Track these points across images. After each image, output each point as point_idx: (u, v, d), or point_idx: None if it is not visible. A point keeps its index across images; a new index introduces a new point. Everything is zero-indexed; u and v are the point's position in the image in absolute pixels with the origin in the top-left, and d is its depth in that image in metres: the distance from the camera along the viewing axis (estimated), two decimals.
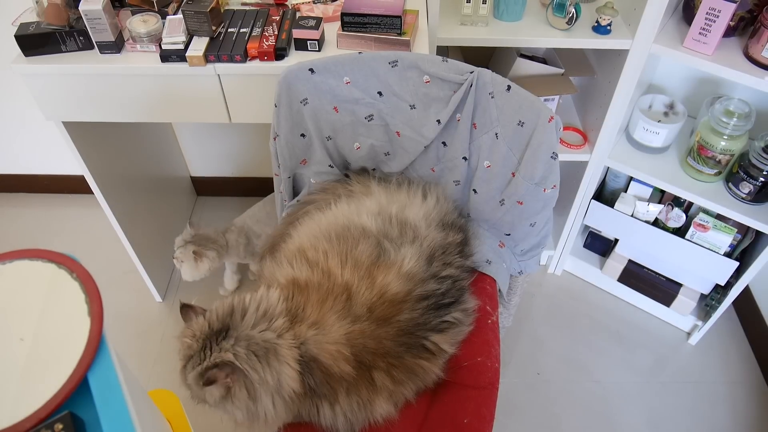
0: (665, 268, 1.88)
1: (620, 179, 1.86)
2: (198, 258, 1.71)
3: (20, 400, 0.57)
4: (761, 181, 1.48)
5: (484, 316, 1.27)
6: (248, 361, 0.97)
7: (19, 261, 0.67)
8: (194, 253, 1.70)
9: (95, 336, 0.60)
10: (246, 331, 1.00)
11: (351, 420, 1.06)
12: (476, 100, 1.23)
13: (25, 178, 2.35)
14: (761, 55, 1.32)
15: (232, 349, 0.97)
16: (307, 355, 1.02)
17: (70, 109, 1.36)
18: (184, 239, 1.73)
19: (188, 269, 1.72)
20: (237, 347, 0.98)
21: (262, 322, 1.02)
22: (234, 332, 0.99)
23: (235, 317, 1.01)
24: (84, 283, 0.64)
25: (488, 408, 1.14)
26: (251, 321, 1.01)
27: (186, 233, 1.74)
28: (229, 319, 1.01)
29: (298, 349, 1.01)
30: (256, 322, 1.02)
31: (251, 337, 0.99)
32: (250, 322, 1.01)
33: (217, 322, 1.01)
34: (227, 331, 0.99)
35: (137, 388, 0.71)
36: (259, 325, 1.01)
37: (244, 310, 1.03)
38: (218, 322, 1.01)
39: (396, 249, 1.14)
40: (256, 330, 1.00)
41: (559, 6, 1.43)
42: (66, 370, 0.58)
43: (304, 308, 1.06)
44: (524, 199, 1.29)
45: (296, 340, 1.02)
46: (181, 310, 1.06)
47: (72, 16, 1.28)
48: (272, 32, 1.28)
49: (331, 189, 1.39)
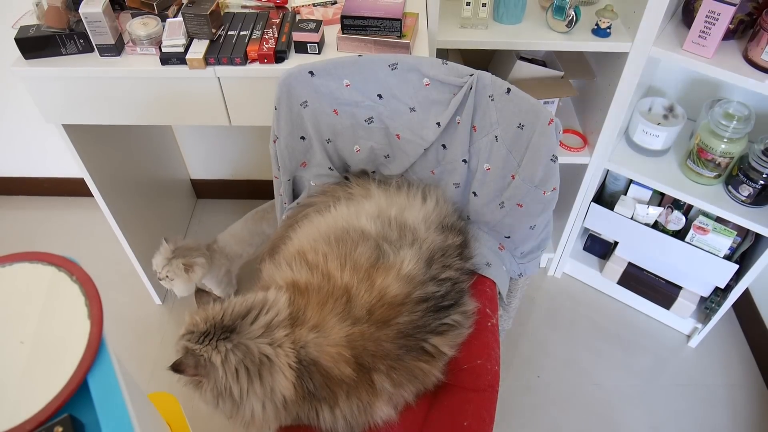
0: (665, 271, 1.88)
1: (620, 182, 1.86)
2: (189, 269, 1.63)
3: (20, 403, 0.57)
4: (761, 183, 1.49)
5: (483, 319, 1.27)
6: (233, 373, 0.98)
7: (19, 264, 0.67)
8: (184, 266, 1.62)
9: (95, 339, 0.60)
10: (247, 339, 1.00)
11: (351, 423, 1.06)
12: (476, 103, 1.23)
13: (25, 180, 2.35)
14: (761, 58, 1.32)
15: (225, 352, 0.98)
16: (307, 358, 1.02)
17: (70, 112, 1.36)
18: (166, 257, 1.63)
19: (181, 284, 1.65)
20: (231, 354, 0.98)
21: (266, 334, 1.02)
22: (237, 337, 0.99)
23: (246, 321, 1.02)
24: (84, 286, 0.64)
25: (488, 411, 1.13)
26: (257, 331, 1.01)
27: (165, 250, 1.64)
28: (240, 321, 1.01)
29: (296, 354, 1.01)
30: (260, 333, 1.02)
31: (249, 349, 0.99)
32: (255, 332, 1.01)
33: (229, 318, 1.01)
34: (232, 332, 0.99)
35: (137, 390, 0.71)
36: (262, 336, 1.01)
37: (257, 317, 1.03)
38: (230, 318, 1.01)
39: (395, 251, 1.14)
40: (257, 341, 1.00)
41: (559, 9, 1.43)
42: (66, 373, 0.58)
43: (304, 311, 1.06)
44: (524, 202, 1.29)
45: (295, 345, 1.02)
46: (196, 294, 1.12)
47: (72, 18, 1.28)
48: (272, 35, 1.29)
49: (331, 191, 1.39)
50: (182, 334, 1.02)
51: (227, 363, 0.97)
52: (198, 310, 1.04)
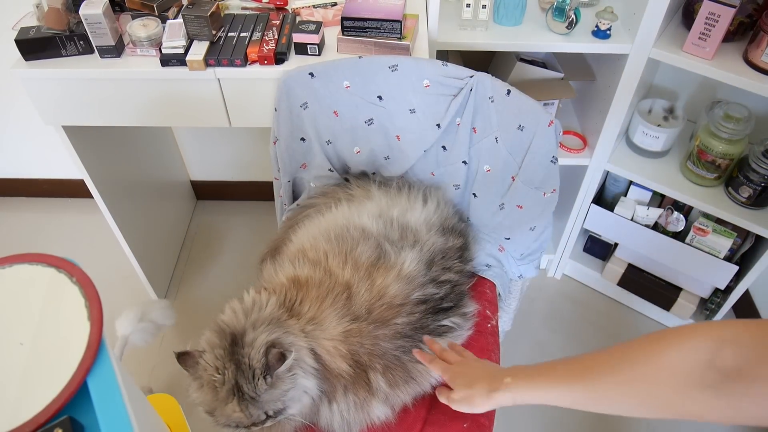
0: (665, 272, 1.87)
1: (620, 183, 1.86)
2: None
3: (19, 405, 0.57)
4: (761, 185, 1.48)
5: (483, 320, 1.27)
6: (276, 331, 0.96)
7: (18, 265, 0.67)
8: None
9: (95, 340, 0.60)
10: (249, 320, 0.99)
11: (348, 420, 1.05)
12: (476, 105, 1.23)
13: (24, 182, 2.35)
14: (761, 60, 1.32)
15: (258, 334, 0.95)
16: (309, 346, 1.02)
17: (69, 114, 1.36)
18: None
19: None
20: (258, 330, 0.96)
21: (253, 310, 1.01)
22: (242, 329, 0.97)
23: (229, 326, 0.99)
24: (84, 288, 0.64)
25: (488, 413, 1.13)
26: (243, 316, 1.00)
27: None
28: (227, 330, 0.99)
29: (303, 335, 1.01)
30: (247, 314, 1.00)
31: (258, 319, 0.98)
32: (243, 317, 1.00)
33: (221, 341, 0.97)
34: (236, 335, 0.97)
35: (137, 392, 0.71)
36: (253, 312, 1.00)
37: (227, 320, 1.01)
38: (222, 340, 0.97)
39: (397, 252, 1.14)
40: (254, 315, 0.99)
41: (559, 10, 1.43)
42: (65, 375, 0.58)
43: (301, 302, 1.05)
44: (524, 203, 1.29)
45: (299, 327, 1.02)
46: (179, 359, 0.97)
47: (72, 20, 1.28)
48: (272, 36, 1.29)
49: (331, 193, 1.39)
50: (239, 400, 0.93)
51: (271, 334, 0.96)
52: (202, 375, 0.96)
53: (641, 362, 0.70)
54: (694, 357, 0.64)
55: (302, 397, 0.99)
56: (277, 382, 0.94)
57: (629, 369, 0.73)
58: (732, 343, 0.62)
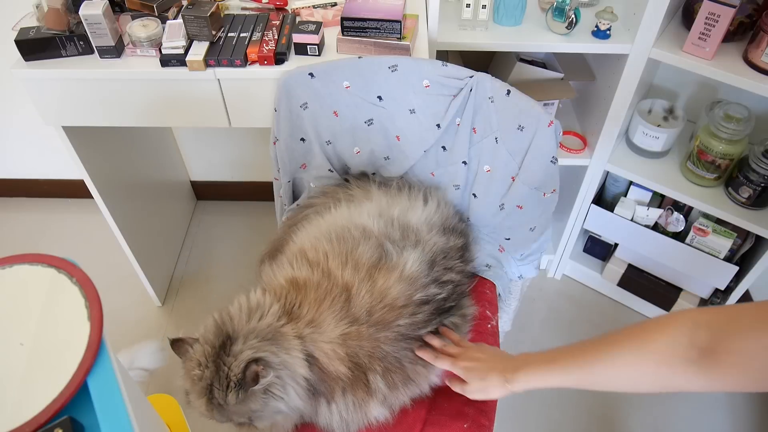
0: (665, 273, 1.87)
1: (620, 183, 1.86)
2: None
3: (20, 405, 0.57)
4: (761, 185, 1.48)
5: (483, 321, 1.27)
6: (267, 348, 0.96)
7: (18, 266, 0.67)
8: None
9: (95, 341, 0.60)
10: (246, 327, 0.99)
11: (346, 419, 1.05)
12: (476, 105, 1.23)
13: (24, 182, 2.35)
14: (761, 60, 1.32)
15: (245, 348, 0.95)
16: (306, 350, 1.02)
17: (69, 114, 1.36)
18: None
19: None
20: (248, 343, 0.96)
21: (255, 314, 1.01)
22: (236, 334, 0.98)
23: (227, 325, 0.99)
24: (84, 288, 0.64)
25: (488, 414, 1.13)
26: (245, 318, 1.00)
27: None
28: (224, 327, 0.99)
29: (300, 341, 1.01)
30: (249, 316, 1.00)
31: (255, 329, 0.98)
32: (244, 319, 1.00)
33: (214, 338, 0.98)
34: (229, 338, 0.97)
35: (137, 393, 0.71)
36: (254, 317, 1.00)
37: (231, 315, 1.01)
38: (216, 338, 0.98)
39: (399, 252, 1.14)
40: (253, 322, 0.99)
41: (559, 10, 1.43)
42: (66, 375, 0.58)
43: (300, 305, 1.05)
44: (524, 204, 1.29)
45: (296, 332, 1.02)
46: (173, 345, 1.00)
47: (72, 20, 1.28)
48: (272, 37, 1.29)
49: (332, 193, 1.39)
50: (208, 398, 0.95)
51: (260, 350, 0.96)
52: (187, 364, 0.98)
53: (633, 346, 0.83)
54: (677, 339, 0.76)
55: (274, 416, 1.00)
56: (248, 398, 0.94)
57: (624, 352, 0.84)
58: (705, 325, 0.74)
